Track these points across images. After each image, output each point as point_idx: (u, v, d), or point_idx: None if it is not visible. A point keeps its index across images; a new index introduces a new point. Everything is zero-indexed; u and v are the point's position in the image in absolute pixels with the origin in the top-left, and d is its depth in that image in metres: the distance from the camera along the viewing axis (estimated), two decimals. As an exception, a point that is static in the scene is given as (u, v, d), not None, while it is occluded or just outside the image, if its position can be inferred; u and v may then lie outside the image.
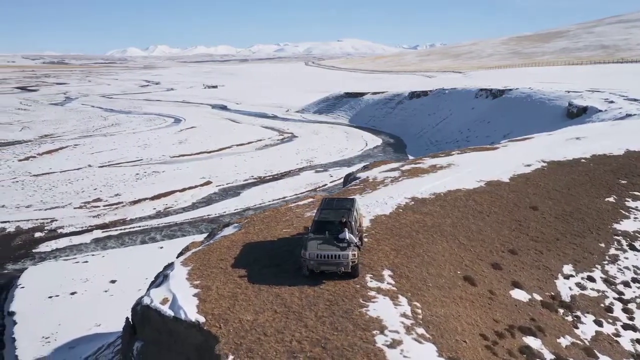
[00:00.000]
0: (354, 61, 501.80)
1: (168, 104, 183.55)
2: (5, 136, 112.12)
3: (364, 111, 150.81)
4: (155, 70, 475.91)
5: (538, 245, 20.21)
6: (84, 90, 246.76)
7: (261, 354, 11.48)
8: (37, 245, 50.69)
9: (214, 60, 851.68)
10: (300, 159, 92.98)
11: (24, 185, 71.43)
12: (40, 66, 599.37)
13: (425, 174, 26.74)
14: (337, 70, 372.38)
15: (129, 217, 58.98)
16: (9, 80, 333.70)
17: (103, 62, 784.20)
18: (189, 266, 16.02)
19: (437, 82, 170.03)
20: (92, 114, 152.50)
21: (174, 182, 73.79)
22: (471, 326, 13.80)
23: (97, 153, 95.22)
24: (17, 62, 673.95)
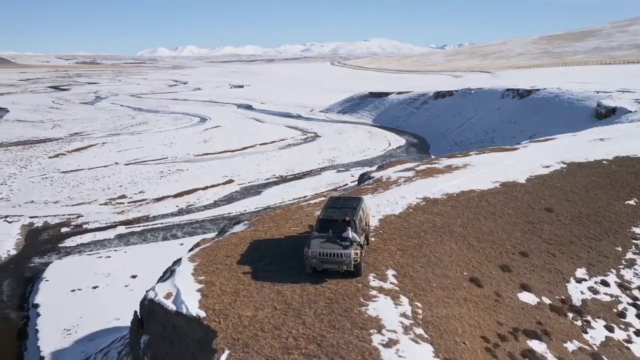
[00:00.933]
0: (380, 61, 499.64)
1: (194, 103, 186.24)
2: (38, 134, 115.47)
3: (388, 111, 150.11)
4: (183, 70, 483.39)
5: (551, 247, 19.79)
6: (114, 90, 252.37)
7: (257, 349, 11.60)
8: (63, 240, 51.98)
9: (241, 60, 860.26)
10: (322, 158, 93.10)
11: (52, 182, 73.42)
12: (73, 66, 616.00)
13: (440, 174, 26.48)
14: (363, 70, 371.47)
15: (152, 214, 60.02)
16: (43, 79, 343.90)
17: (133, 62, 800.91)
18: (196, 262, 16.30)
19: (464, 82, 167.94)
20: (121, 112, 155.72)
21: (196, 180, 74.76)
22: (473, 328, 13.63)
23: (124, 151, 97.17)
24: (51, 62, 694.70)
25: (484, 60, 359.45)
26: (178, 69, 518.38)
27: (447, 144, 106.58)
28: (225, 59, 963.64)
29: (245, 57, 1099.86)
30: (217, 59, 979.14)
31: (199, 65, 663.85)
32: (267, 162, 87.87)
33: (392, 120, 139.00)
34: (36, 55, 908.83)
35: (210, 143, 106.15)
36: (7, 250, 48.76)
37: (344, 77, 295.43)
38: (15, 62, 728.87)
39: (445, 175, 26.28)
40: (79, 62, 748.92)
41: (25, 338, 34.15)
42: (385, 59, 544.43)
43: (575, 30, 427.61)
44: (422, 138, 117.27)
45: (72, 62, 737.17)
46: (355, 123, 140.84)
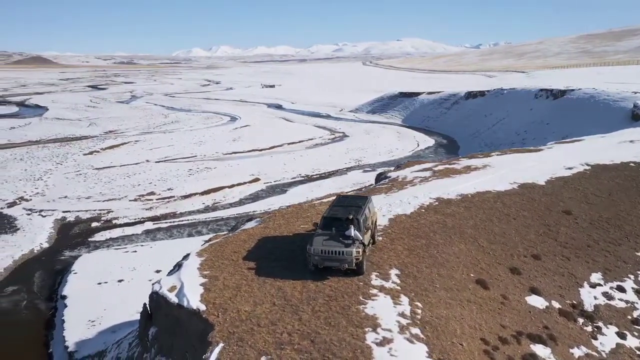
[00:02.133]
0: (412, 61, 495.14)
1: (226, 102, 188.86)
2: (75, 131, 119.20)
3: (418, 111, 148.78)
4: (217, 70, 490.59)
5: (566, 251, 19.26)
6: (149, 89, 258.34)
7: (251, 343, 11.77)
8: (92, 234, 53.51)
9: (273, 60, 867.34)
10: (349, 158, 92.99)
11: (86, 178, 75.64)
12: (111, 66, 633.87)
13: (457, 175, 26.12)
14: (395, 70, 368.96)
15: (179, 211, 61.15)
16: (82, 79, 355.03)
17: (169, 62, 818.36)
18: (203, 257, 16.62)
19: (497, 82, 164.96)
20: (154, 111, 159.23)
21: (224, 178, 75.75)
22: (473, 330, 13.44)
23: (155, 149, 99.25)
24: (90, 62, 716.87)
25: (519, 59, 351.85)
26: (212, 69, 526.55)
27: (477, 145, 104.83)
28: (257, 59, 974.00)
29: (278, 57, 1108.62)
30: (250, 59, 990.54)
31: (232, 65, 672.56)
32: (293, 162, 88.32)
33: (422, 120, 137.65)
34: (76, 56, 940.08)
35: (239, 142, 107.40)
36: (40, 243, 50.45)
37: (374, 77, 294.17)
38: (56, 62, 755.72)
39: (463, 176, 25.91)
40: (117, 62, 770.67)
41: (52, 328, 35.39)
42: (418, 59, 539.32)
43: (617, 29, 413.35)
44: (452, 139, 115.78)
45: (110, 62, 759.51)
46: (384, 123, 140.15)
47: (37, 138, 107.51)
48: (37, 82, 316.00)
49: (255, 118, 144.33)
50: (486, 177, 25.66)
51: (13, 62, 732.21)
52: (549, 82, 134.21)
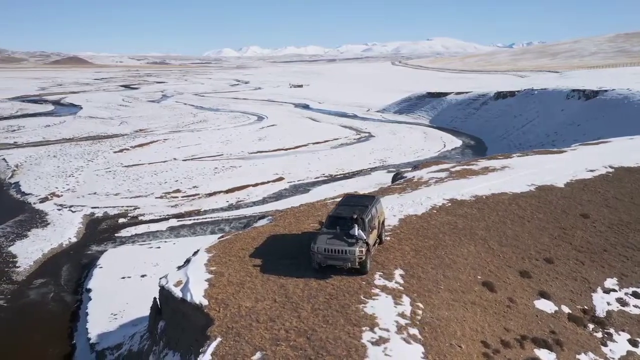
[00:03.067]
0: (442, 60, 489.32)
1: (254, 102, 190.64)
2: (106, 130, 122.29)
3: (446, 112, 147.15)
4: (246, 70, 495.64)
5: (581, 255, 18.78)
6: (179, 89, 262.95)
7: (247, 339, 11.93)
8: (119, 230, 54.81)
9: (302, 60, 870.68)
10: (373, 158, 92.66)
11: (115, 175, 77.49)
12: (144, 66, 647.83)
13: (474, 176, 25.75)
14: (424, 70, 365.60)
15: (203, 208, 62.06)
16: (116, 79, 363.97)
17: (200, 62, 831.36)
18: (212, 253, 16.91)
19: (528, 82, 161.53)
20: (184, 110, 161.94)
21: (248, 177, 76.49)
22: (474, 332, 13.27)
23: (182, 147, 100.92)
24: (124, 62, 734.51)
25: (553, 59, 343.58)
26: (241, 69, 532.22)
27: (505, 147, 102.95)
28: (287, 59, 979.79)
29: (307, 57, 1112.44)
30: (280, 59, 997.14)
31: (261, 65, 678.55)
32: (318, 161, 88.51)
33: (449, 121, 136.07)
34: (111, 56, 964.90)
35: (265, 141, 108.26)
36: (68, 238, 51.96)
37: (403, 77, 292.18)
38: (92, 62, 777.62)
39: (479, 177, 25.54)
40: (150, 62, 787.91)
41: (77, 320, 36.49)
42: (448, 59, 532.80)
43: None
44: (479, 140, 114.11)
45: (144, 62, 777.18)
46: (411, 123, 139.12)
47: (71, 136, 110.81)
48: (73, 81, 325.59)
49: (281, 117, 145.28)
50: (503, 178, 25.22)
51: (51, 62, 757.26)
52: (583, 83, 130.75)
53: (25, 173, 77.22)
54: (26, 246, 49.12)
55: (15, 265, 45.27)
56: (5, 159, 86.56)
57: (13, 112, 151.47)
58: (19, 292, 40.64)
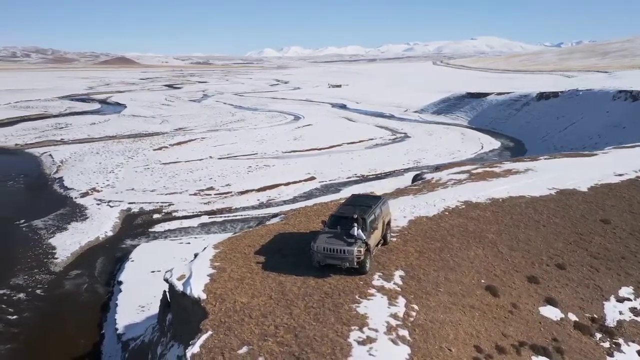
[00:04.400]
0: (485, 60, 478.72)
1: (292, 102, 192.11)
2: (148, 128, 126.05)
3: (486, 112, 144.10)
4: (286, 70, 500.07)
5: (596, 262, 18.09)
6: (220, 89, 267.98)
7: (237, 333, 12.20)
8: (153, 225, 56.50)
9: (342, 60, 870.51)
10: (408, 159, 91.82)
11: (152, 172, 79.81)
12: (188, 66, 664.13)
13: (494, 179, 25.21)
14: (466, 70, 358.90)
15: (235, 206, 63.16)
16: (160, 78, 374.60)
17: (241, 62, 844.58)
18: (219, 249, 17.32)
19: (574, 83, 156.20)
20: (223, 110, 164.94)
21: (281, 176, 77.25)
22: (468, 336, 13.05)
23: (219, 146, 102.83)
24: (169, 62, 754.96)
25: (603, 59, 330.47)
26: (282, 69, 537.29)
27: (545, 149, 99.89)
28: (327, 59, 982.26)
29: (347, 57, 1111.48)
30: (320, 59, 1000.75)
31: (302, 65, 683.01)
32: (351, 161, 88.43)
33: (489, 122, 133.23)
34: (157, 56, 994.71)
35: (299, 141, 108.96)
36: (105, 232, 53.98)
37: (443, 77, 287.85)
38: (138, 62, 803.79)
39: (500, 180, 24.98)
40: (194, 62, 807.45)
41: (107, 310, 37.99)
42: (492, 58, 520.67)
43: None
44: (519, 142, 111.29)
45: (188, 62, 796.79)
46: (449, 124, 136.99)
47: (114, 133, 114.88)
48: (119, 81, 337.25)
49: (318, 117, 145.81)
50: (524, 181, 24.58)
51: (100, 62, 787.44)
52: (632, 83, 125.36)
53: (69, 169, 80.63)
54: (65, 238, 51.39)
55: (54, 256, 47.47)
56: (51, 155, 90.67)
57: (62, 111, 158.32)
58: (56, 283, 42.61)
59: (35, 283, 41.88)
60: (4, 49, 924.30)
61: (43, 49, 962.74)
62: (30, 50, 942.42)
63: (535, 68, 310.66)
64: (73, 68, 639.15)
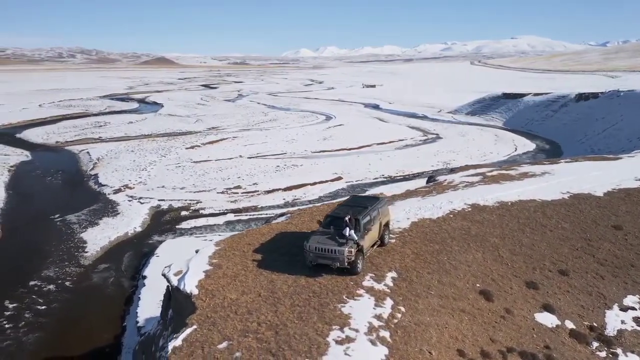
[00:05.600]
0: (525, 60, 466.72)
1: (324, 102, 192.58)
2: (182, 127, 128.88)
3: (522, 113, 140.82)
4: (322, 70, 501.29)
5: (602, 269, 17.51)
6: (255, 88, 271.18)
7: (220, 329, 12.50)
8: (180, 222, 57.81)
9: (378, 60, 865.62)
10: (437, 160, 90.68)
11: (183, 170, 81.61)
12: (225, 66, 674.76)
13: (507, 181, 24.70)
14: (504, 70, 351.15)
15: (260, 205, 63.91)
16: (198, 78, 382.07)
17: (278, 62, 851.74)
18: (220, 246, 17.73)
19: (618, 84, 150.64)
20: (256, 110, 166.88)
21: (308, 175, 77.63)
22: (453, 340, 12.92)
23: (249, 145, 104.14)
24: (207, 62, 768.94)
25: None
26: (317, 69, 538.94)
27: (582, 152, 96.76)
28: (363, 59, 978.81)
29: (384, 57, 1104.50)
30: (356, 59, 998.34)
31: (337, 65, 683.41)
32: (379, 162, 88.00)
33: (524, 123, 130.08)
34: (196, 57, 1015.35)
35: (329, 141, 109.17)
36: (134, 227, 55.58)
37: (480, 77, 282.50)
38: (178, 62, 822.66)
39: (513, 183, 24.46)
40: (231, 62, 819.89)
41: (130, 303, 39.20)
42: (532, 58, 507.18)
43: None
44: (555, 144, 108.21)
45: (225, 62, 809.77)
46: (483, 125, 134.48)
47: (149, 132, 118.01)
48: (158, 81, 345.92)
49: (349, 117, 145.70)
50: (538, 184, 24.00)
51: (141, 62, 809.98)
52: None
53: (104, 166, 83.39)
54: (96, 233, 53.26)
55: (84, 250, 49.29)
56: (89, 152, 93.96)
57: (102, 110, 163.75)
58: (84, 275, 44.27)
59: (65, 275, 43.61)
60: (51, 49, 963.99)
61: (88, 50, 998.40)
62: (76, 51, 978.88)
63: (577, 68, 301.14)
64: (115, 68, 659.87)
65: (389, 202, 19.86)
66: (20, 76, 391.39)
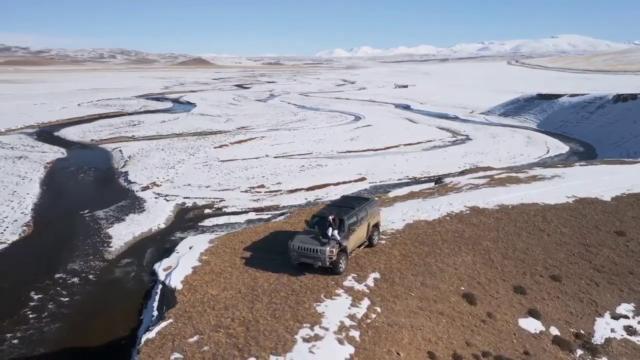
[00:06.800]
0: (565, 60, 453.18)
1: (354, 102, 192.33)
2: (212, 126, 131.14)
3: (556, 115, 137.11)
4: (355, 70, 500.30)
5: (598, 275, 17.01)
6: (287, 89, 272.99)
7: (194, 323, 12.86)
8: (203, 219, 58.82)
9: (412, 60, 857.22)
10: (464, 162, 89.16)
11: (210, 169, 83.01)
12: (259, 66, 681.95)
13: (514, 184, 24.25)
14: (542, 70, 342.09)
15: (282, 204, 64.33)
16: (232, 79, 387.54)
17: (311, 62, 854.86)
18: (213, 243, 18.18)
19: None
20: (286, 109, 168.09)
21: (332, 175, 77.67)
22: (426, 342, 12.87)
23: (276, 145, 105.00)
24: (242, 62, 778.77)
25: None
26: (350, 69, 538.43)
27: (617, 155, 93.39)
28: (397, 59, 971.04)
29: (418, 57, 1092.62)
30: (390, 59, 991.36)
31: (371, 65, 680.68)
32: (405, 163, 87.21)
33: (559, 125, 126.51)
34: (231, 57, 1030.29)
35: (356, 141, 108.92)
36: (158, 224, 56.96)
37: (517, 78, 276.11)
38: (213, 62, 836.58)
39: (520, 186, 24.00)
40: (265, 62, 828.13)
41: (148, 297, 40.29)
42: (572, 58, 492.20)
43: None
44: (590, 146, 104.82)
45: (259, 63, 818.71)
46: (516, 127, 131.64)
47: (180, 131, 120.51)
48: (193, 81, 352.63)
49: (378, 118, 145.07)
50: (545, 188, 23.48)
51: (178, 63, 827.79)
52: None
53: (134, 164, 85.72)
54: (122, 229, 54.88)
55: (109, 245, 50.89)
56: (121, 150, 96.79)
57: (137, 109, 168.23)
58: (107, 269, 45.73)
59: (89, 269, 45.17)
60: (93, 50, 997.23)
61: (127, 51, 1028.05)
62: (116, 52, 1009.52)
63: (619, 68, 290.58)
64: (153, 68, 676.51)
65: (390, 203, 19.86)
66: (63, 76, 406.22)
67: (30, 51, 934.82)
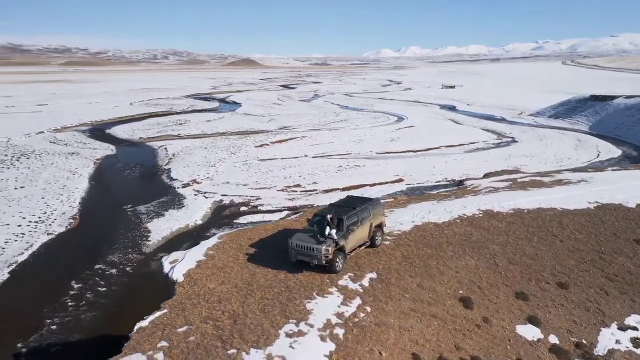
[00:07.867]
0: (624, 60, 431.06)
1: (398, 102, 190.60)
2: (255, 126, 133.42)
3: (610, 117, 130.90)
4: (402, 71, 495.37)
5: (610, 284, 16.29)
6: (331, 89, 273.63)
7: (186, 314, 13.35)
8: (238, 217, 59.95)
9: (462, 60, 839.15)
10: (507, 165, 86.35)
11: (249, 167, 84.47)
12: (306, 67, 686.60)
13: (535, 188, 23.52)
14: (599, 70, 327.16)
15: (316, 204, 64.55)
16: (278, 79, 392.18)
17: (358, 63, 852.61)
18: (222, 239, 18.72)
19: None
20: (328, 110, 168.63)
21: (369, 176, 77.28)
22: (412, 343, 12.80)
23: (316, 145, 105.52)
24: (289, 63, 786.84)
25: None
26: (398, 69, 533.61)
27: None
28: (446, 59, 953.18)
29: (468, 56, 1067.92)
30: (439, 59, 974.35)
31: (419, 65, 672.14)
32: (444, 165, 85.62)
33: (613, 128, 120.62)
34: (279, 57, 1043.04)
35: (396, 142, 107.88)
36: (195, 220, 58.61)
37: (571, 78, 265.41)
38: (261, 63, 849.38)
39: (541, 190, 23.27)
40: (312, 63, 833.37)
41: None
42: (633, 57, 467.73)
43: None
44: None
45: (306, 63, 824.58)
46: (566, 129, 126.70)
47: (224, 130, 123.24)
48: (240, 81, 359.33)
49: (422, 119, 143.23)
50: (567, 192, 22.67)
51: (227, 63, 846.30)
52: None
53: (178, 161, 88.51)
54: (160, 224, 56.91)
55: (148, 239, 52.89)
56: (166, 148, 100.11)
57: (185, 108, 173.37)
58: (144, 262, 47.56)
59: (127, 261, 47.14)
60: (147, 51, 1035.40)
61: (179, 52, 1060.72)
62: (169, 52, 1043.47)
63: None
64: (203, 69, 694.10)
65: (403, 204, 19.81)
66: (118, 76, 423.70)
67: (89, 52, 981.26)
